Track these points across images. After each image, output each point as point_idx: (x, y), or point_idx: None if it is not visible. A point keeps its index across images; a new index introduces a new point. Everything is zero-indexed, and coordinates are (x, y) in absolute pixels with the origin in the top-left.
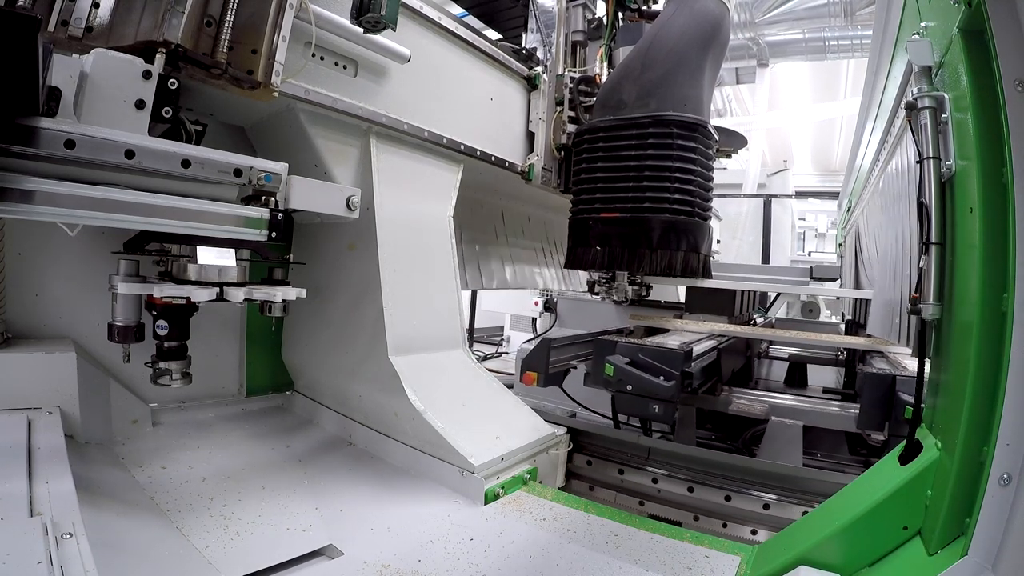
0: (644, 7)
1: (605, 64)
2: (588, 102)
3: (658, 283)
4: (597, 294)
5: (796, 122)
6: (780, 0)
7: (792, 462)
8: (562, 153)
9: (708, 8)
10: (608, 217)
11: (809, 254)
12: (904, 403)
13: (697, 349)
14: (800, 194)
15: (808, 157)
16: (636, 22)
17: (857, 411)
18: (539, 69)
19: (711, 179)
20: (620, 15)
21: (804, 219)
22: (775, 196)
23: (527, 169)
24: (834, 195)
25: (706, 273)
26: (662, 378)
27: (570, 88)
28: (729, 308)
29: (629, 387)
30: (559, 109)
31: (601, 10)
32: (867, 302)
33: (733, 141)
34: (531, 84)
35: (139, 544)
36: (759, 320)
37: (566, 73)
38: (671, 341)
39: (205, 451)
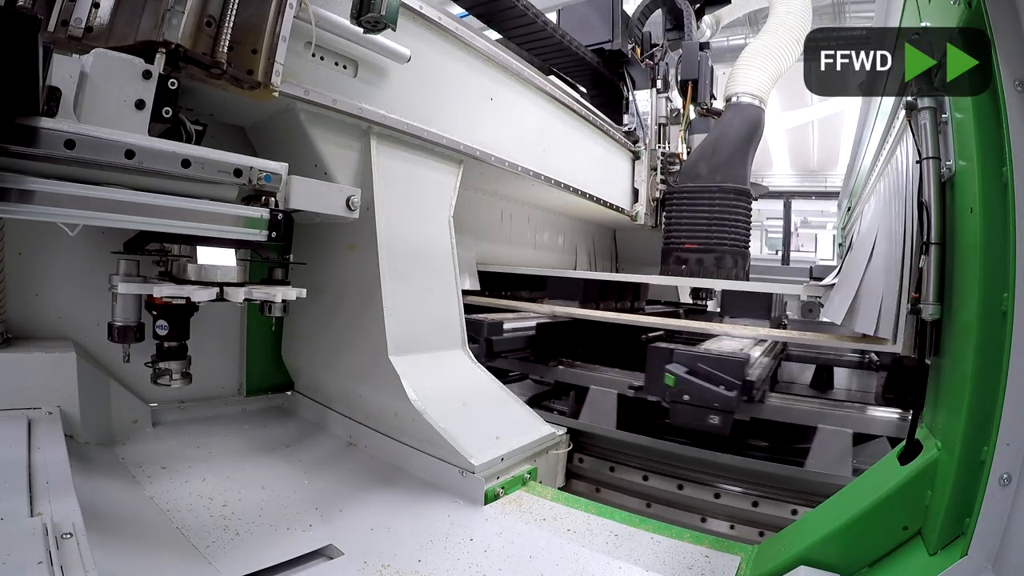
0: (709, 106)
1: (684, 144)
2: (672, 169)
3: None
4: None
5: (771, 127)
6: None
7: (842, 471)
8: (655, 203)
9: (753, 113)
10: (690, 247)
11: (776, 252)
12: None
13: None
14: (782, 194)
15: (786, 159)
16: (704, 116)
17: (897, 416)
18: (640, 147)
19: (750, 223)
20: (692, 110)
21: (777, 219)
22: (763, 196)
23: (634, 214)
24: (813, 195)
25: (747, 280)
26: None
27: (660, 160)
28: (766, 311)
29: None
30: (653, 174)
31: (678, 101)
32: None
33: (757, 190)
34: (635, 156)
35: (139, 544)
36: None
37: (657, 149)
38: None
39: (205, 451)
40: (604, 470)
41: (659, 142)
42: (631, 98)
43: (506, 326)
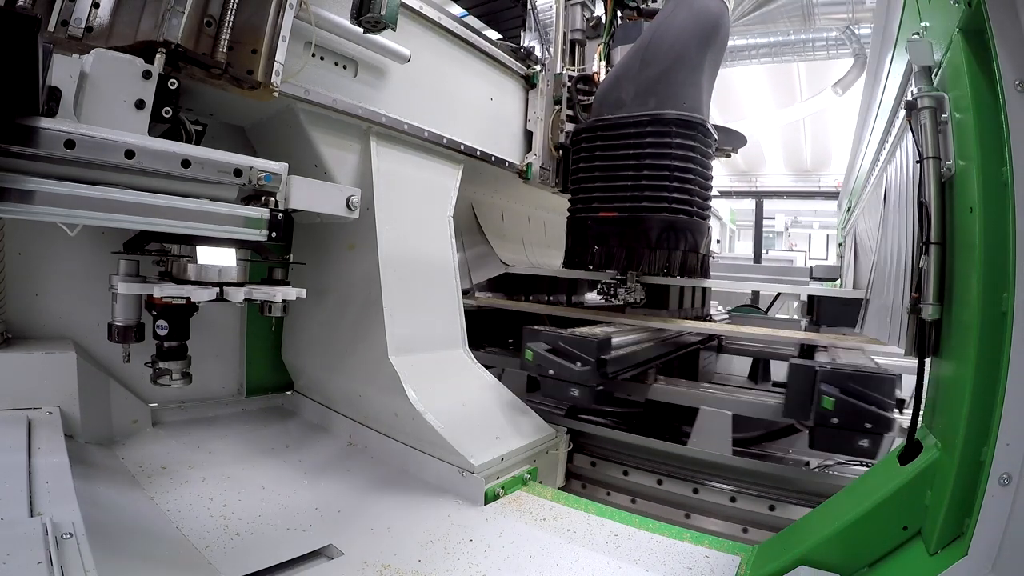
0: (643, 6)
1: (603, 63)
2: (586, 101)
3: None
4: (608, 297)
5: (762, 126)
6: (751, 7)
7: (722, 450)
8: (560, 152)
9: (707, 6)
10: (606, 216)
11: (767, 252)
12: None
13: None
14: (775, 194)
15: (780, 158)
16: (635, 21)
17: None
18: (537, 68)
19: (710, 178)
20: (619, 14)
21: (773, 218)
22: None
23: (525, 168)
24: (800, 195)
25: (705, 272)
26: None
27: (568, 87)
28: (664, 303)
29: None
30: (557, 108)
31: (600, 9)
32: (819, 299)
33: (732, 140)
34: (529, 83)
35: (139, 544)
36: (715, 316)
37: (564, 72)
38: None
39: (205, 451)
40: (600, 469)
41: (571, 64)
42: (530, 7)
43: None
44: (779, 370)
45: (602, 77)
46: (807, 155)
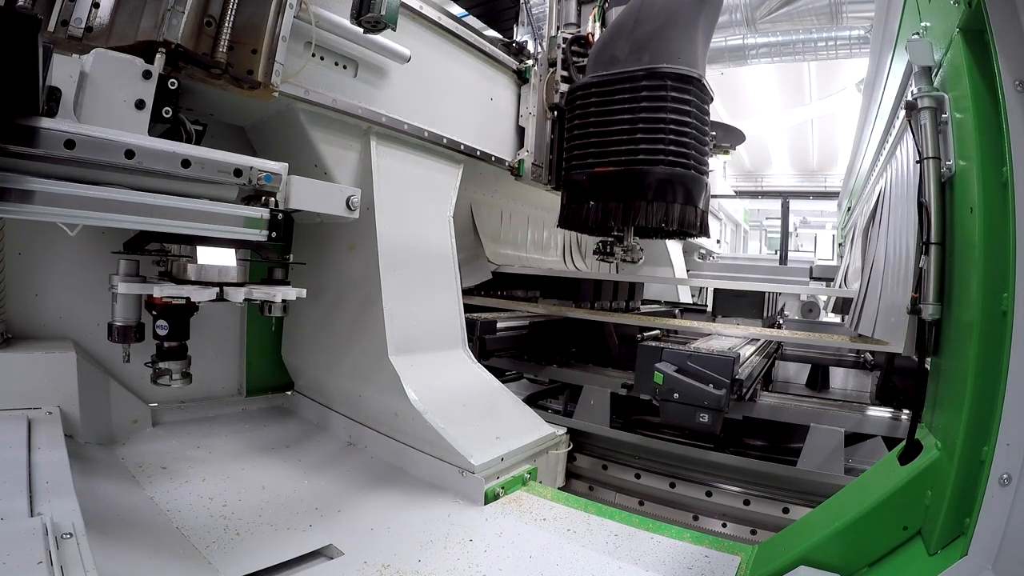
0: None
1: (598, 24)
2: (581, 63)
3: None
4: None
5: (770, 126)
6: (778, 3)
7: (834, 470)
8: (555, 113)
9: None
10: (602, 172)
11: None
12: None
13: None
14: (781, 194)
15: (786, 158)
16: None
17: (890, 415)
18: (529, 62)
19: (707, 133)
20: None
21: (778, 218)
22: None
23: (516, 165)
24: (811, 195)
25: (704, 229)
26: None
27: (563, 48)
28: (759, 311)
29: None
30: (552, 69)
31: None
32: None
33: (730, 137)
34: (521, 78)
35: (139, 544)
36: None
37: (559, 34)
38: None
39: (205, 451)
40: (600, 469)
41: (560, 27)
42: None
43: (499, 325)
44: (836, 377)
45: (596, 39)
46: (813, 155)
